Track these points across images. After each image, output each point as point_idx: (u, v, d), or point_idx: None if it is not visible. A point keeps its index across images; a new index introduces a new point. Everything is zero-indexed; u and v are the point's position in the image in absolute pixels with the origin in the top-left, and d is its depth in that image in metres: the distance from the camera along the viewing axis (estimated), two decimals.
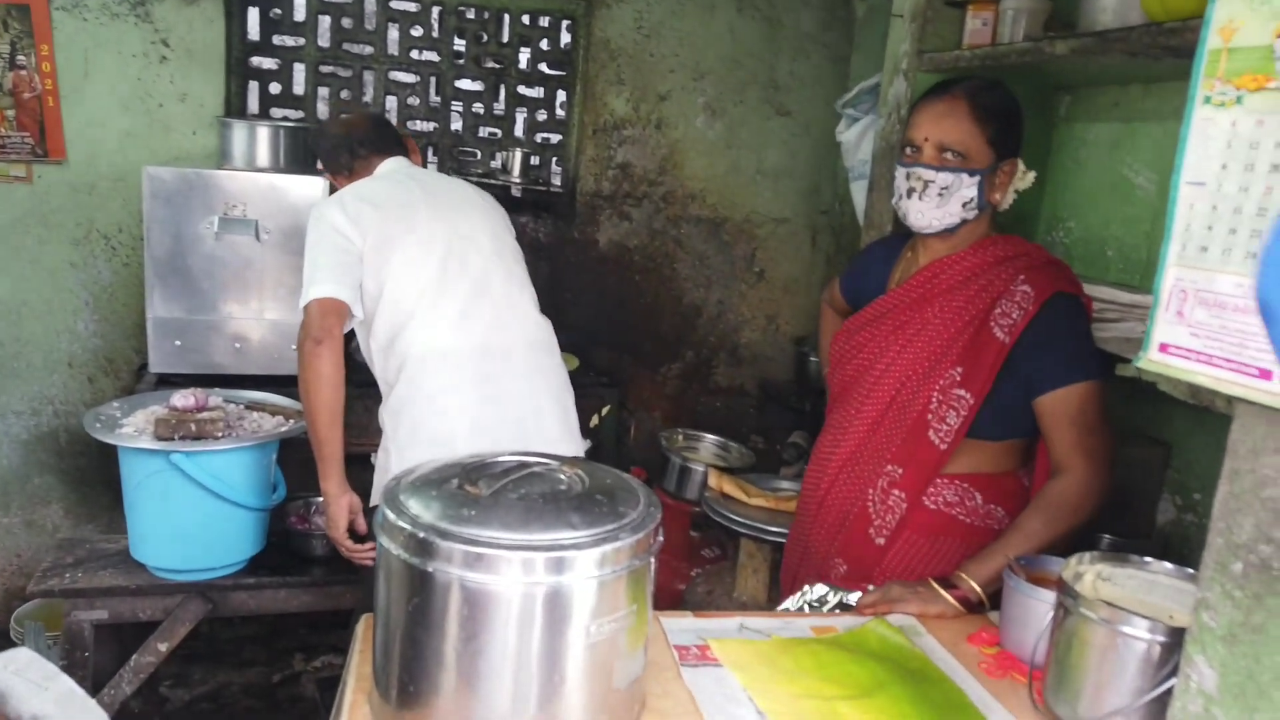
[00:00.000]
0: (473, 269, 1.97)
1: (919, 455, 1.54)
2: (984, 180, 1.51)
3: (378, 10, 3.03)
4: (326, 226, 1.91)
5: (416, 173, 2.11)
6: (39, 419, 2.95)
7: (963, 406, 1.50)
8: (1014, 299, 1.49)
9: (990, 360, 1.49)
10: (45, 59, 2.73)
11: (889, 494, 1.57)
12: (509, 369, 1.93)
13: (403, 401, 1.88)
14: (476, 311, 1.94)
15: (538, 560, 0.99)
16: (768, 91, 3.31)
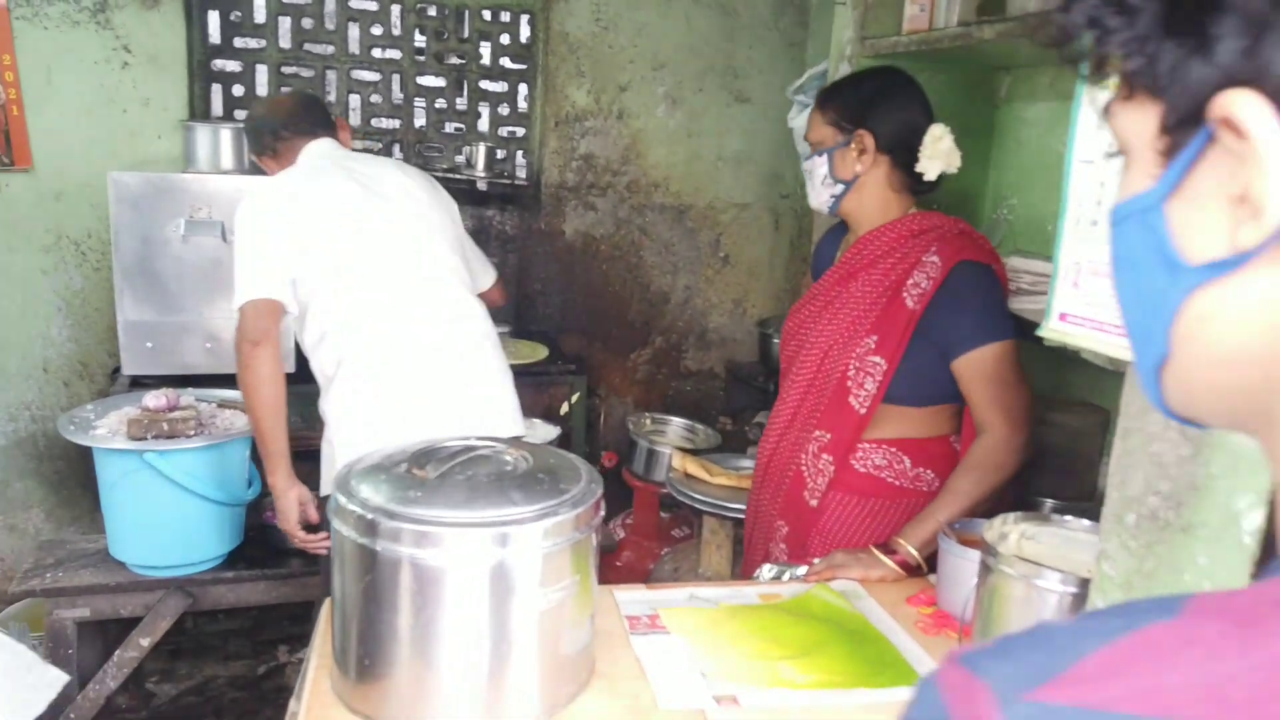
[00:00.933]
0: (403, 259, 1.97)
1: (842, 420, 1.63)
2: (832, 156, 1.65)
3: (337, 10, 3.06)
4: (254, 224, 1.91)
5: (344, 157, 2.07)
6: (17, 425, 2.99)
7: (878, 372, 1.59)
8: (924, 269, 1.57)
9: (901, 327, 1.58)
10: (7, 69, 2.75)
11: (819, 458, 1.65)
12: (444, 359, 1.94)
13: (342, 396, 1.91)
14: (409, 302, 1.95)
15: (481, 536, 1.06)
16: (726, 79, 3.37)
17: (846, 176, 1.65)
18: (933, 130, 1.58)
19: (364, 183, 2.00)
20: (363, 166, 2.05)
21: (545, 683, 1.13)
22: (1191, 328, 0.40)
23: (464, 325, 2.01)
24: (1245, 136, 0.36)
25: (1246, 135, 0.36)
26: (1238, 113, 0.36)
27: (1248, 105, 0.36)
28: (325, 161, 2.04)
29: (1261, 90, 0.35)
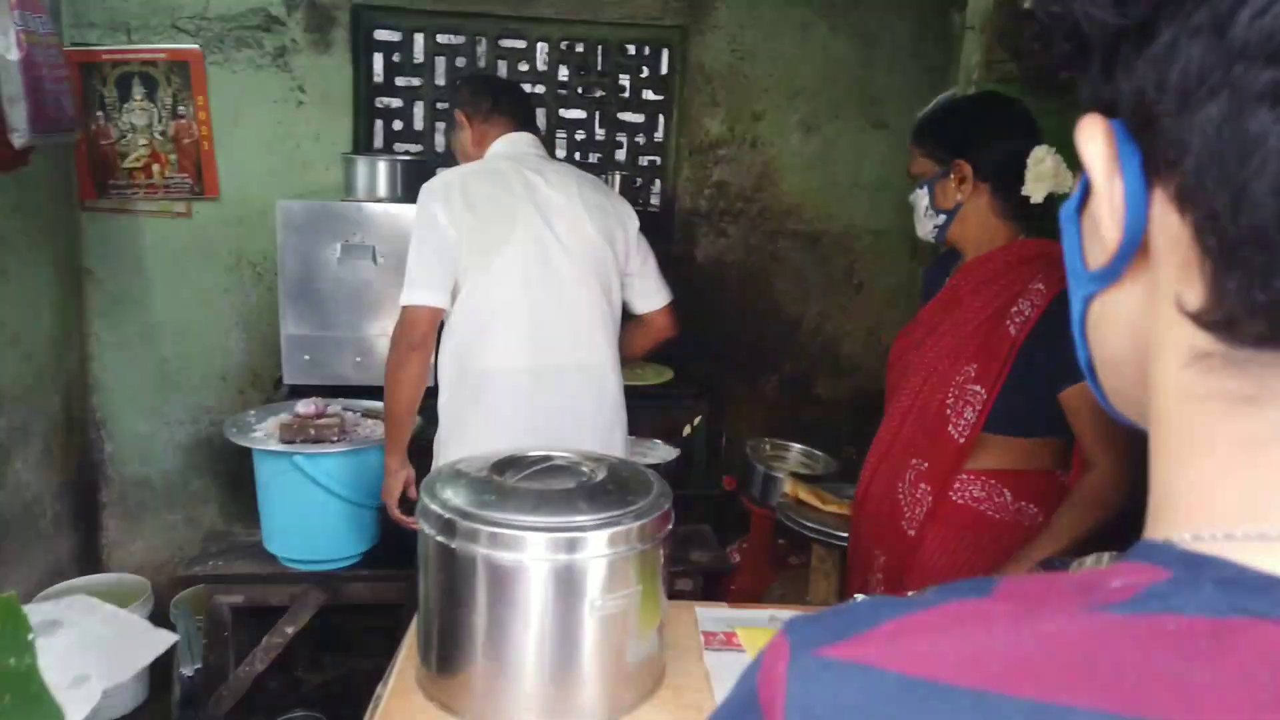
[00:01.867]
0: (552, 288, 2.03)
1: (940, 448, 1.59)
2: (932, 187, 1.65)
3: (488, 49, 3.27)
4: (432, 219, 1.99)
5: (531, 163, 2.11)
6: (198, 427, 3.33)
7: (977, 401, 1.55)
8: (1028, 296, 1.53)
9: (1002, 356, 1.53)
10: (201, 108, 3.10)
11: (916, 486, 1.62)
12: (560, 397, 2.03)
13: (460, 407, 2.04)
14: (545, 333, 2.03)
15: (548, 539, 1.12)
16: (863, 106, 3.35)
17: (947, 206, 1.63)
18: (1035, 153, 1.53)
19: (539, 201, 2.04)
20: (543, 182, 2.08)
21: (607, 686, 1.18)
22: (1091, 332, 0.43)
23: (584, 365, 2.07)
24: (1084, 163, 0.37)
25: (1084, 162, 0.37)
26: (1077, 138, 0.37)
27: (1083, 131, 0.37)
28: (506, 164, 2.09)
29: (1117, 114, 0.36)
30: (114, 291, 3.19)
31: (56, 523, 3.02)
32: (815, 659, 0.36)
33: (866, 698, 0.34)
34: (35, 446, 2.87)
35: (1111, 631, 0.32)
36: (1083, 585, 0.35)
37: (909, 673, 0.33)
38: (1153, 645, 0.31)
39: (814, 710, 0.35)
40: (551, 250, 2.03)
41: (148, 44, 3.02)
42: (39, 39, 2.54)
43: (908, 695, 0.33)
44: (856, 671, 0.34)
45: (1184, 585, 0.33)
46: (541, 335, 2.03)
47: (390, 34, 3.23)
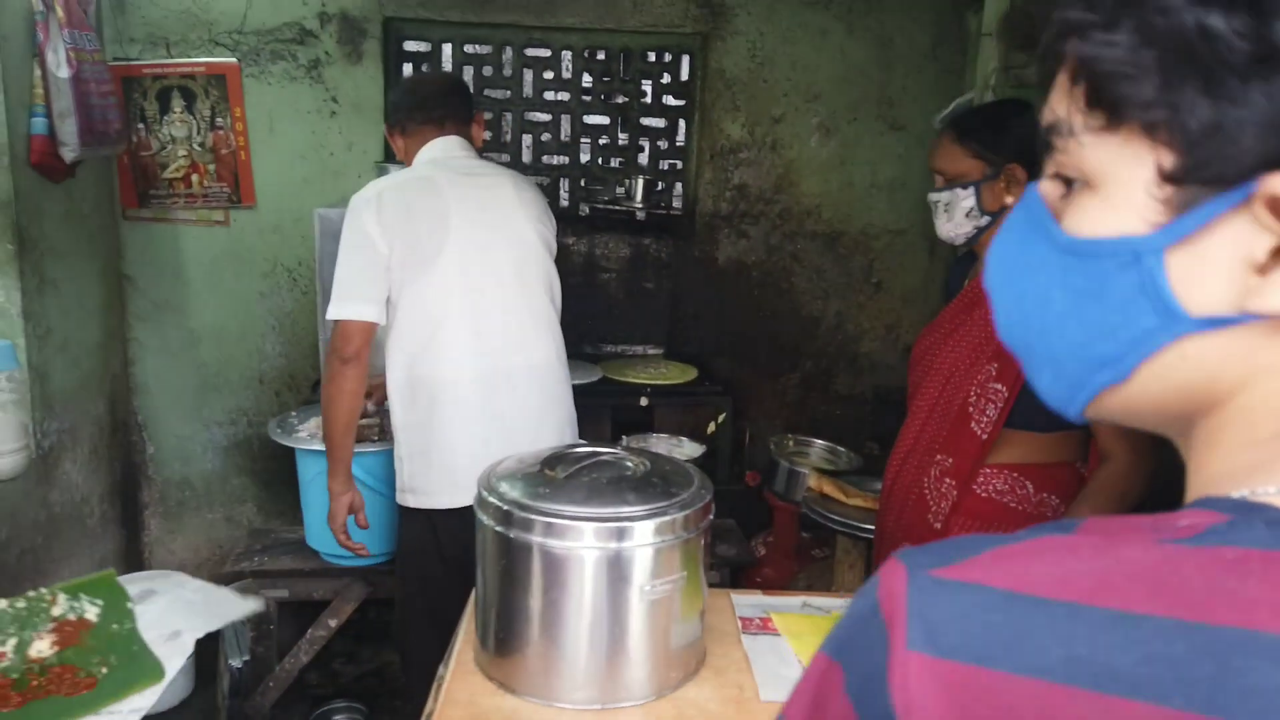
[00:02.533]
0: (493, 290, 2.00)
1: (963, 445, 1.66)
2: (980, 189, 1.66)
3: (513, 58, 3.36)
4: (361, 233, 1.94)
5: (460, 165, 2.05)
6: (236, 428, 3.43)
7: (999, 399, 1.61)
8: None
9: None
10: (238, 119, 3.20)
11: (941, 481, 1.69)
12: (512, 400, 2.01)
13: (416, 420, 2.02)
14: (491, 337, 1.99)
15: (599, 529, 1.21)
16: (881, 108, 3.42)
17: (994, 209, 1.66)
18: None
19: (469, 205, 2.00)
20: (474, 180, 2.04)
21: (655, 666, 1.26)
22: (1168, 364, 0.45)
23: (533, 364, 2.04)
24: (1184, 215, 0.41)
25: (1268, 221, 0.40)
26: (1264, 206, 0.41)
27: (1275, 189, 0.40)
28: (436, 170, 2.03)
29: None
30: (154, 298, 3.29)
31: (103, 522, 3.13)
32: (930, 578, 0.42)
33: (976, 608, 0.40)
34: (83, 448, 2.98)
35: (1180, 558, 0.39)
36: (1154, 524, 0.42)
37: (1012, 588, 0.40)
38: (1213, 569, 0.38)
39: (931, 617, 0.41)
40: (490, 253, 2.00)
41: (187, 58, 3.13)
42: (87, 56, 2.64)
43: (1012, 606, 0.40)
44: (966, 588, 0.41)
45: (1240, 525, 0.40)
46: (487, 339, 1.99)
47: (419, 45, 3.32)
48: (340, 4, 3.18)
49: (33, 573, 2.66)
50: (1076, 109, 0.46)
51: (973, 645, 0.40)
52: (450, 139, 2.08)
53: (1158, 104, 0.42)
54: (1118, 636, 0.38)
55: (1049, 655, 0.38)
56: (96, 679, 1.15)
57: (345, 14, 3.18)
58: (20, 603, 1.32)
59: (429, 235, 1.96)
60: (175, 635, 1.21)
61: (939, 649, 0.40)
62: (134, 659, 1.18)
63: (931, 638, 0.40)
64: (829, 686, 0.45)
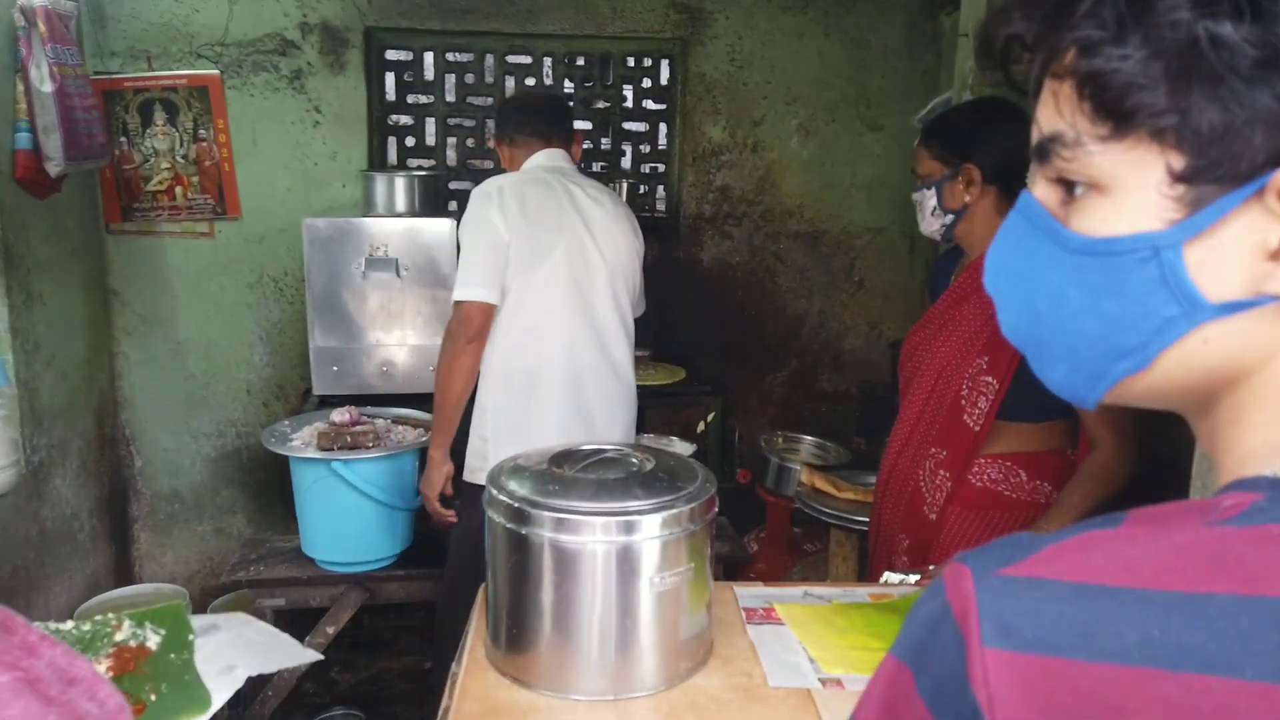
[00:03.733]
0: (589, 294, 2.18)
1: (957, 437, 1.70)
2: (941, 188, 1.73)
3: (495, 65, 3.38)
4: (486, 220, 2.11)
5: (569, 177, 2.25)
6: (224, 440, 3.43)
7: (990, 391, 1.66)
8: None
9: (1011, 348, 1.63)
10: (221, 131, 3.20)
11: (936, 474, 1.74)
12: (597, 394, 2.19)
13: (510, 405, 2.17)
14: (583, 335, 2.17)
15: (608, 523, 1.23)
16: (859, 109, 3.47)
17: (955, 207, 1.73)
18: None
19: (581, 212, 2.19)
20: (582, 195, 2.23)
21: (664, 656, 1.29)
22: (1191, 349, 0.48)
23: (614, 365, 2.22)
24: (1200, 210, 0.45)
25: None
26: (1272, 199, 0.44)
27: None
28: (549, 175, 2.22)
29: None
30: (141, 311, 3.29)
31: (93, 536, 3.12)
32: (997, 577, 0.44)
33: (1046, 601, 0.42)
34: (72, 463, 2.97)
35: (1230, 538, 0.42)
36: (1197, 509, 0.45)
37: (1078, 579, 0.42)
38: (1264, 544, 0.41)
39: (1003, 614, 0.42)
40: (591, 258, 2.18)
41: (168, 70, 3.13)
42: (70, 70, 2.64)
43: (1080, 596, 0.42)
44: (1034, 583, 0.43)
45: (1278, 501, 0.43)
46: (583, 335, 2.16)
47: (401, 54, 3.34)
48: (322, 14, 3.19)
49: (26, 589, 2.65)
50: (1083, 119, 0.48)
51: (1048, 637, 0.41)
52: (555, 151, 2.27)
53: (1168, 111, 0.45)
54: (1186, 616, 0.40)
55: (1124, 640, 0.40)
56: (145, 705, 1.17)
57: (327, 24, 3.20)
58: (86, 625, 1.35)
59: (544, 230, 2.13)
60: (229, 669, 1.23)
61: (1015, 643, 0.42)
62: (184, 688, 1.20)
63: (1006, 634, 0.42)
64: (901, 690, 0.47)
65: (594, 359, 2.19)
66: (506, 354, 2.17)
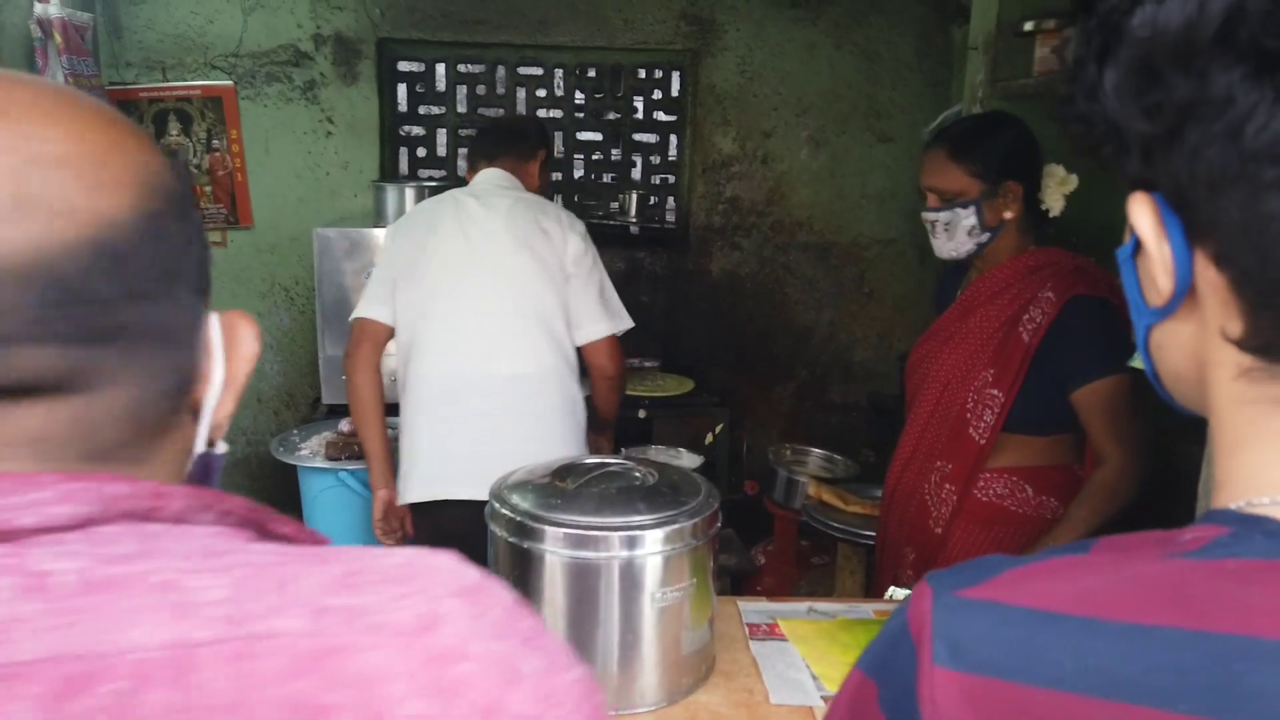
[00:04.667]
0: (471, 299, 2.04)
1: (962, 450, 1.70)
2: (980, 206, 1.67)
3: (506, 76, 3.40)
4: (385, 246, 2.18)
5: (479, 189, 2.16)
6: (234, 448, 3.45)
7: (995, 404, 1.65)
8: (1039, 304, 1.63)
9: (1017, 361, 1.64)
10: (234, 141, 3.23)
11: (941, 487, 1.73)
12: (496, 405, 2.02)
13: (407, 416, 2.09)
14: (466, 343, 2.03)
15: (611, 538, 1.23)
16: (869, 120, 3.47)
17: (994, 224, 1.69)
18: (1057, 173, 1.65)
19: (465, 218, 2.08)
20: (478, 200, 2.12)
21: (667, 672, 1.29)
22: (1155, 351, 0.52)
23: (510, 365, 2.04)
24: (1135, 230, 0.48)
25: (1136, 230, 0.48)
26: (1129, 212, 0.48)
27: (1134, 204, 0.48)
28: (458, 192, 2.17)
29: (1159, 189, 0.46)
30: None
31: None
32: (955, 598, 0.45)
33: (996, 625, 0.44)
34: None
35: (1186, 571, 0.42)
36: (1161, 540, 0.45)
37: (1030, 605, 0.44)
38: (1216, 580, 0.42)
39: (955, 636, 0.44)
40: (469, 264, 2.05)
41: (183, 81, 3.16)
42: (85, 81, 2.67)
43: (1029, 622, 0.43)
44: (987, 606, 0.45)
45: (1241, 537, 0.43)
46: (459, 347, 2.04)
47: (413, 65, 3.36)
48: (335, 26, 3.21)
49: None
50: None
51: (994, 660, 0.43)
52: (493, 170, 2.21)
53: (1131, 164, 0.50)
54: (1128, 647, 0.41)
55: (1064, 667, 0.42)
56: None
57: (340, 35, 3.22)
58: None
59: (423, 246, 2.07)
60: None
61: (963, 664, 0.44)
62: None
63: (956, 654, 0.44)
64: (865, 702, 0.49)
65: (482, 370, 2.03)
66: (400, 367, 2.11)
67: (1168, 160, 0.44)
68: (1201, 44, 0.41)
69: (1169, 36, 0.42)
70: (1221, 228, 0.43)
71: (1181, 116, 0.43)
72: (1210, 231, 0.44)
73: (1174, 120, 0.43)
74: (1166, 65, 0.43)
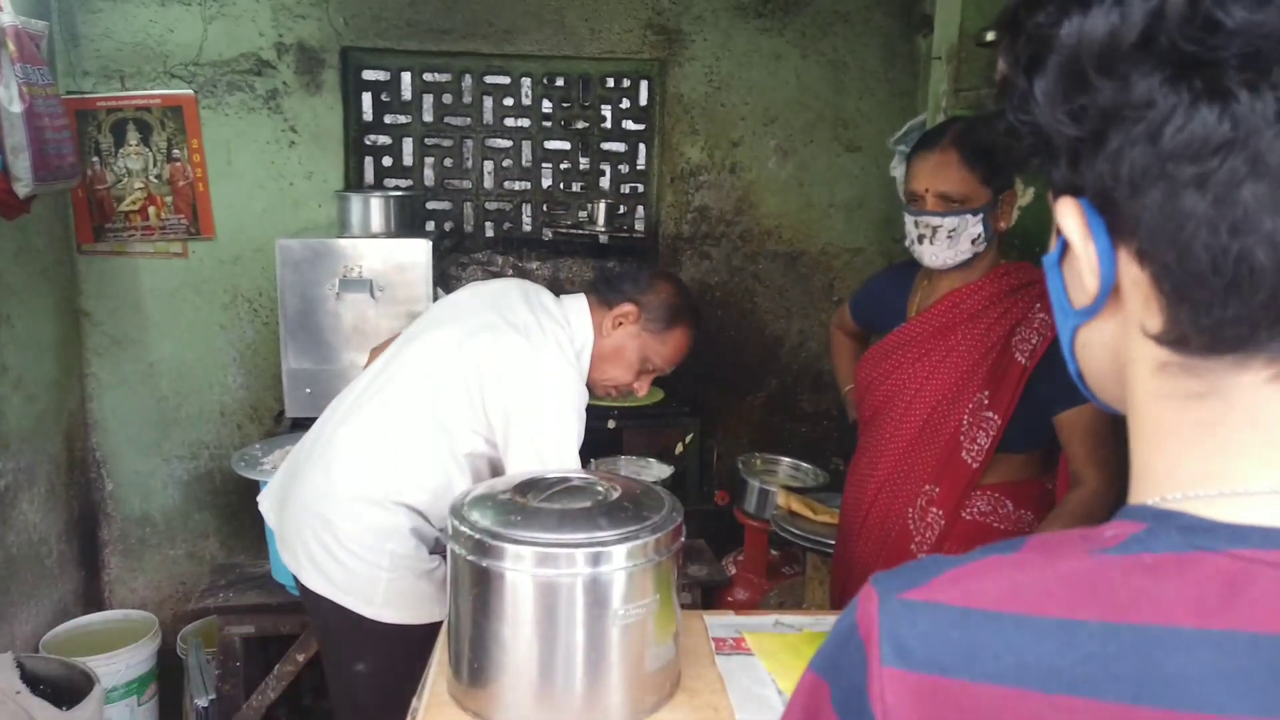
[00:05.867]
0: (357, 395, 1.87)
1: (953, 474, 1.68)
2: (987, 216, 1.64)
3: (473, 85, 3.37)
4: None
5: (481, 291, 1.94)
6: (197, 462, 3.38)
7: (991, 427, 1.64)
8: (1033, 325, 1.62)
9: (1013, 383, 1.62)
10: (195, 151, 3.18)
11: (927, 511, 1.70)
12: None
13: None
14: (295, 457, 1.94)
15: (572, 555, 1.21)
16: (836, 130, 3.48)
17: (1000, 231, 1.67)
18: (1019, 185, 1.65)
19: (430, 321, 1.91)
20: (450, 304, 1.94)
21: (630, 690, 1.26)
22: (1080, 351, 0.56)
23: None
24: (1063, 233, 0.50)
25: (1064, 232, 0.50)
26: (1057, 216, 0.50)
27: (1061, 208, 0.50)
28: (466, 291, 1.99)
29: (1084, 193, 0.48)
30: (112, 332, 3.24)
31: (61, 562, 3.06)
32: (898, 600, 0.48)
33: (937, 625, 0.46)
34: (40, 487, 2.92)
35: (1106, 567, 0.45)
36: (1086, 536, 0.47)
37: (967, 605, 0.46)
38: (1135, 574, 0.44)
39: (899, 636, 0.47)
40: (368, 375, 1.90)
41: (141, 90, 3.10)
42: (40, 90, 2.61)
43: (967, 621, 0.46)
44: (928, 608, 0.47)
45: (1157, 533, 0.46)
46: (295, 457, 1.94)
47: (378, 74, 3.33)
48: (297, 34, 3.17)
49: None
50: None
51: (936, 658, 0.46)
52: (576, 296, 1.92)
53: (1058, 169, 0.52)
54: (1059, 641, 0.43)
55: (1002, 662, 0.44)
56: None
57: (303, 44, 3.18)
58: None
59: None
60: None
61: (909, 663, 0.46)
62: None
63: (901, 654, 0.46)
64: (818, 702, 0.51)
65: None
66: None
67: (1093, 163, 0.46)
68: (1124, 50, 0.43)
69: (1094, 43, 0.44)
70: (1143, 224, 0.45)
71: (1106, 120, 0.45)
72: (1133, 229, 0.46)
73: (1099, 124, 0.45)
74: (1092, 70, 0.44)
